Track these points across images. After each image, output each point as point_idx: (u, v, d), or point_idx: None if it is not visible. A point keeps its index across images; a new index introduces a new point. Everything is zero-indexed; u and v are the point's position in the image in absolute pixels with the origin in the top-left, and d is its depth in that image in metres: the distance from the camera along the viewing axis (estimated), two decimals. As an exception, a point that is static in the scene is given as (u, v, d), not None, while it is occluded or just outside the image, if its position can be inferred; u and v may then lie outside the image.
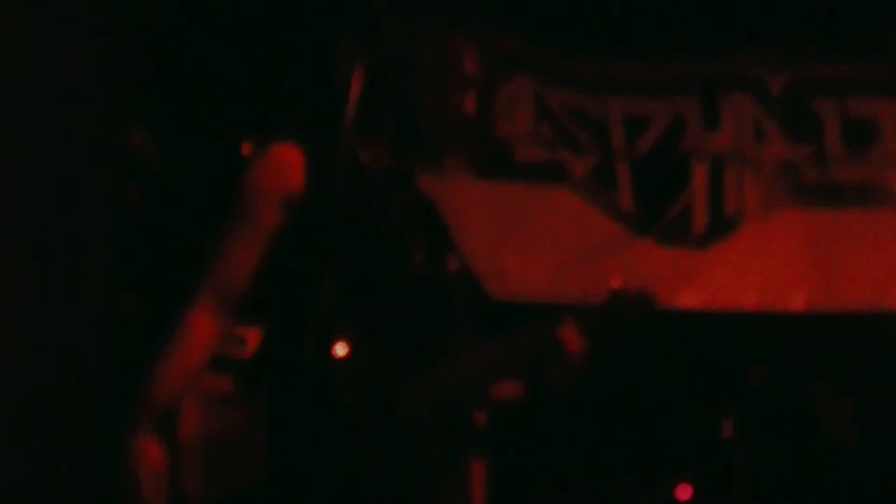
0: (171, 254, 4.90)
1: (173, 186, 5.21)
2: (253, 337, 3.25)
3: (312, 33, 5.08)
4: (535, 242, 5.86)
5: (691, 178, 6.00)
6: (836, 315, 5.79)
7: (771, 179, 6.01)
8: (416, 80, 3.09)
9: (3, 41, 4.01)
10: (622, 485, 5.51)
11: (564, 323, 3.13)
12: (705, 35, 5.91)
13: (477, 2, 5.67)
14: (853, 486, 5.20)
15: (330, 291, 2.54)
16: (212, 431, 2.88)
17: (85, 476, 4.44)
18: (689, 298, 5.82)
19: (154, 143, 5.07)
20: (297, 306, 2.75)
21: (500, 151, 5.94)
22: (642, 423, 5.63)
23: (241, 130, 4.93)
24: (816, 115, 6.05)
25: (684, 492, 5.56)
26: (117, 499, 2.80)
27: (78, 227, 4.50)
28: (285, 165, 2.97)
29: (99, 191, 4.66)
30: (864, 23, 5.91)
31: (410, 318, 3.00)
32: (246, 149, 4.78)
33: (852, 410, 5.22)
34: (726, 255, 5.92)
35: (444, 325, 3.06)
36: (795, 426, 5.29)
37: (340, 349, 2.80)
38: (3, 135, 3.99)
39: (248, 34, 5.32)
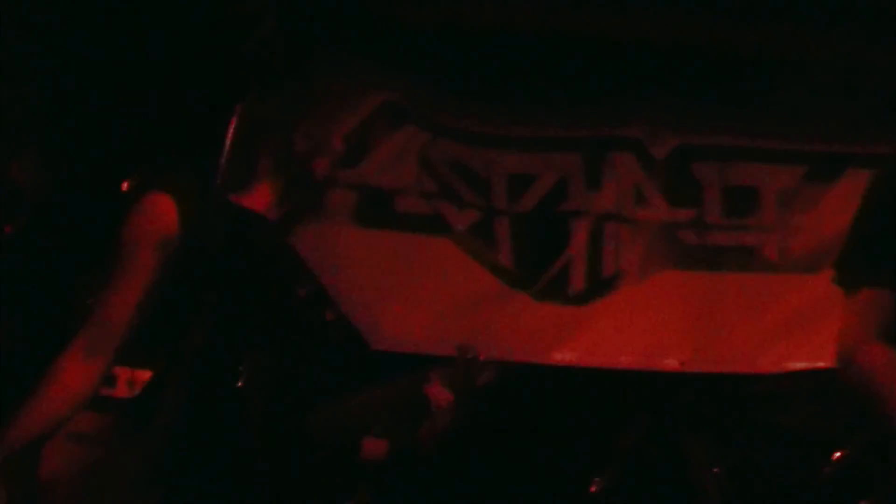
0: (48, 287, 4.86)
1: (53, 219, 5.17)
2: (140, 378, 3.24)
3: (196, 76, 5.09)
4: (415, 293, 5.86)
5: (572, 237, 6.02)
6: (711, 374, 5.88)
7: (651, 241, 6.05)
8: (293, 122, 3.15)
9: None
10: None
11: (430, 380, 3.20)
12: (591, 96, 5.98)
13: (367, 55, 5.74)
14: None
15: (204, 330, 2.55)
16: (84, 472, 2.87)
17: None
18: (565, 355, 5.86)
19: (34, 176, 5.02)
20: (181, 345, 2.77)
21: (382, 201, 5.93)
22: (515, 477, 5.65)
23: (123, 166, 4.91)
24: (697, 180, 6.11)
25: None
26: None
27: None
28: (159, 212, 3.01)
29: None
30: (748, 91, 6.02)
31: (294, 360, 3.02)
32: (125, 186, 4.76)
33: (725, 469, 5.29)
34: (604, 314, 5.95)
35: (325, 370, 3.08)
36: (668, 482, 5.34)
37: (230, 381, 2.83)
38: None
39: (131, 71, 5.31)
